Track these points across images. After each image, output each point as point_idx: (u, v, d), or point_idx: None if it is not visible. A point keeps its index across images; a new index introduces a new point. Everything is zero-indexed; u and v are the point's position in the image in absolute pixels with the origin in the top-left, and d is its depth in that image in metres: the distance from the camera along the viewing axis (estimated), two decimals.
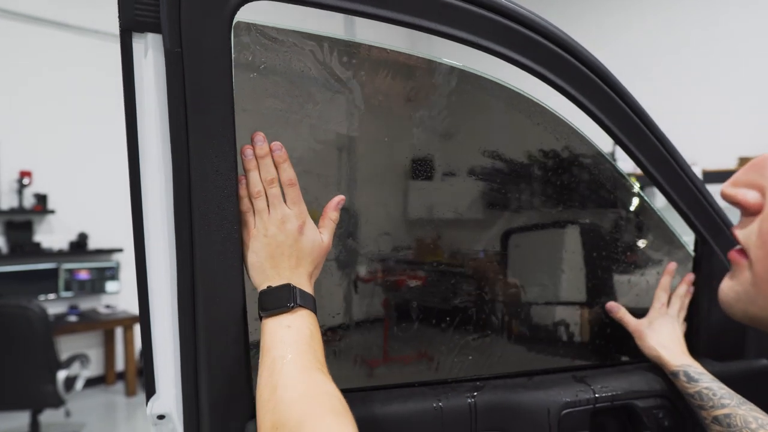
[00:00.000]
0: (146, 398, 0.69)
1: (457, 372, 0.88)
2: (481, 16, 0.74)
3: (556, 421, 0.80)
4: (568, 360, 0.96)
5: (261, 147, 0.67)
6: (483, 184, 0.92)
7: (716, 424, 0.78)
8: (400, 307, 0.89)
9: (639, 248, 1.03)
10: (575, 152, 0.95)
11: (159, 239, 0.65)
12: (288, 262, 0.66)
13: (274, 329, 0.62)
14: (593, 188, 0.99)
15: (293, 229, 0.67)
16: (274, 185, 0.67)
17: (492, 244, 0.95)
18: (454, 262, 0.92)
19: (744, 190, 0.43)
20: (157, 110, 0.63)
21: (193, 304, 0.65)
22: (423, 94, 0.87)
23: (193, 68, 0.60)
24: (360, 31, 5.13)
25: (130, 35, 0.61)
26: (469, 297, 0.91)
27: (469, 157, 0.91)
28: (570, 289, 1.00)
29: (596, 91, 0.84)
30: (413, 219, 0.91)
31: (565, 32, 0.81)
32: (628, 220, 1.02)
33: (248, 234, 0.67)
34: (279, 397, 0.55)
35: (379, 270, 0.88)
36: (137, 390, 4.61)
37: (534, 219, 0.97)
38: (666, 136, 0.93)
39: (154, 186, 0.65)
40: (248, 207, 0.67)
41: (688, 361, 0.87)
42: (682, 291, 0.97)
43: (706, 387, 0.82)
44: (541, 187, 0.95)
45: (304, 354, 0.60)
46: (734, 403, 0.78)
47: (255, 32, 0.68)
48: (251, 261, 0.67)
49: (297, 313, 0.63)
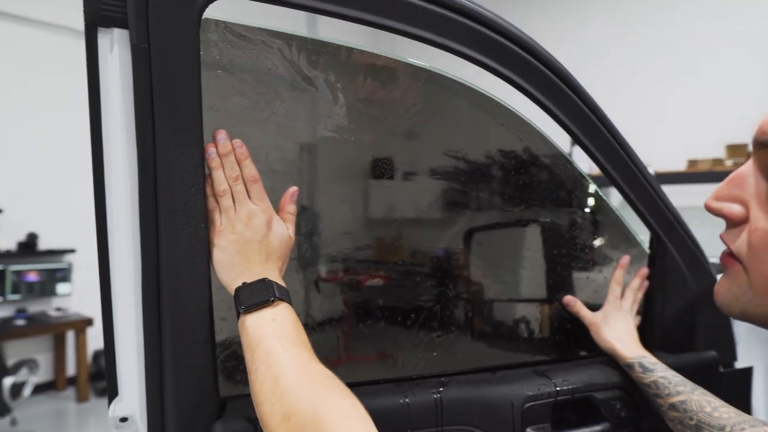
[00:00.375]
0: (108, 400, 0.67)
1: (421, 369, 0.89)
2: (443, 16, 0.75)
3: (519, 414, 0.82)
4: (529, 355, 0.99)
5: (223, 145, 0.66)
6: (446, 183, 0.94)
7: (673, 411, 0.82)
8: (363, 306, 0.90)
9: (597, 246, 1.07)
10: (536, 152, 0.98)
11: (123, 237, 0.64)
12: (258, 258, 0.66)
13: (260, 324, 0.62)
14: (553, 188, 1.02)
15: (261, 225, 0.67)
16: (239, 182, 0.67)
17: (455, 242, 0.96)
18: (418, 261, 0.93)
19: (728, 203, 0.47)
20: (122, 107, 0.61)
21: (158, 303, 0.64)
22: (388, 94, 0.88)
23: (160, 64, 0.59)
24: (322, 30, 5.11)
25: (95, 30, 0.59)
26: (432, 295, 0.93)
27: (432, 156, 0.92)
28: (530, 286, 1.03)
29: (557, 92, 0.86)
30: (378, 218, 0.92)
31: (526, 34, 0.83)
32: (586, 219, 1.06)
33: (215, 232, 0.66)
34: (284, 388, 0.55)
35: (343, 269, 0.89)
36: (89, 396, 4.46)
37: (496, 218, 1.00)
38: (623, 137, 0.97)
39: (119, 184, 0.63)
40: (214, 206, 0.67)
41: (642, 353, 0.91)
42: (636, 284, 1.02)
43: (661, 376, 0.86)
44: (502, 186, 0.97)
45: (296, 344, 0.60)
46: (688, 390, 0.82)
47: (223, 29, 0.68)
48: (219, 259, 0.66)
49: (278, 306, 0.63)
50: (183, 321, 0.64)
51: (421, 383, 0.82)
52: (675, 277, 1.07)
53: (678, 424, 0.81)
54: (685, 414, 0.80)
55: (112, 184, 0.63)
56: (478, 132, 0.98)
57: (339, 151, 0.88)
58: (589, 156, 0.94)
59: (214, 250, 0.66)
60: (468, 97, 0.92)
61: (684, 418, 0.80)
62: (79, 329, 4.48)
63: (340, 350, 0.89)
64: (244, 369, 0.76)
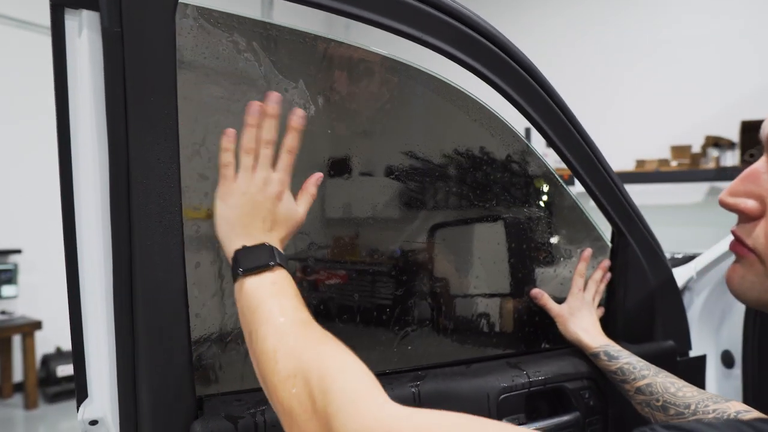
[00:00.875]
0: (77, 403, 0.64)
1: (397, 364, 0.89)
2: (420, 10, 0.75)
3: (495, 405, 0.83)
4: (502, 347, 1.01)
5: (273, 107, 0.66)
6: (420, 180, 0.94)
7: (639, 394, 0.86)
8: (339, 303, 0.89)
9: (563, 240, 1.10)
10: (507, 148, 1.00)
11: (92, 232, 0.61)
12: (262, 225, 0.65)
13: (259, 286, 0.61)
14: (523, 184, 1.04)
15: (273, 193, 0.66)
16: (270, 147, 0.67)
17: (427, 239, 0.97)
18: (391, 259, 0.93)
19: (743, 199, 0.49)
20: (92, 95, 0.58)
21: (131, 300, 0.61)
22: (357, 84, 0.87)
23: (133, 50, 0.57)
24: (276, 13, 5.06)
25: (62, 11, 0.56)
26: (406, 292, 0.93)
27: (403, 150, 0.92)
28: (501, 280, 1.05)
29: (530, 91, 0.88)
30: (352, 215, 0.91)
31: (503, 34, 0.84)
32: (553, 214, 1.08)
33: (226, 188, 0.65)
34: (288, 346, 0.54)
35: (319, 268, 0.88)
36: (38, 402, 4.26)
37: (468, 214, 1.01)
38: (590, 136, 1.00)
39: (87, 176, 0.60)
40: (230, 162, 0.65)
41: (606, 342, 0.95)
42: (597, 276, 1.05)
43: (626, 362, 0.90)
44: (474, 182, 0.98)
45: (297, 308, 0.59)
46: (652, 373, 0.87)
47: (199, 15, 0.65)
48: (225, 215, 0.64)
49: (278, 271, 0.62)
50: (158, 318, 0.62)
51: (398, 377, 0.82)
52: (635, 270, 1.11)
53: (645, 406, 0.85)
54: (651, 396, 0.84)
55: (81, 177, 0.60)
56: (450, 126, 0.98)
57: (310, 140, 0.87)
58: (557, 153, 0.97)
59: (220, 206, 0.65)
60: (442, 92, 0.92)
61: (650, 401, 0.84)
62: (26, 333, 4.27)
63: None
64: (220, 367, 0.74)
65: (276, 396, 0.52)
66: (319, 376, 0.49)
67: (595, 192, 1.01)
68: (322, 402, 0.47)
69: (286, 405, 0.51)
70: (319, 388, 0.48)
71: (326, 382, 0.48)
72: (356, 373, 0.50)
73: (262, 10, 5.05)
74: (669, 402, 0.81)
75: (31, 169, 4.23)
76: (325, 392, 0.48)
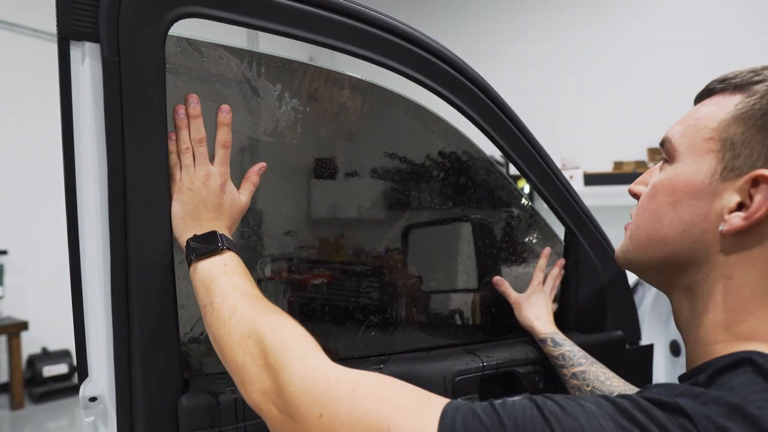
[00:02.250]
0: (78, 382, 0.73)
1: (363, 350, 0.99)
2: (384, 39, 0.86)
3: (450, 386, 0.93)
4: (460, 337, 1.11)
5: (194, 108, 0.74)
6: (383, 185, 1.04)
7: (574, 379, 0.97)
8: (309, 298, 0.99)
9: (521, 240, 1.20)
10: (468, 159, 1.10)
11: (93, 231, 0.70)
12: (210, 215, 0.74)
13: (211, 267, 0.69)
14: (483, 188, 1.14)
15: (216, 186, 0.74)
16: (203, 144, 0.74)
17: (393, 238, 1.07)
18: (359, 258, 1.03)
19: (638, 185, 0.66)
20: (93, 115, 0.68)
21: (126, 292, 0.71)
22: (335, 107, 0.97)
23: (129, 76, 0.66)
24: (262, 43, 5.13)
25: (68, 43, 0.66)
26: (376, 289, 1.02)
27: (370, 161, 1.02)
28: (462, 276, 1.15)
29: (482, 106, 0.98)
30: (320, 218, 1.00)
31: (456, 55, 0.94)
32: (511, 216, 1.19)
33: (175, 186, 0.73)
34: (242, 314, 0.62)
35: (286, 266, 0.97)
36: (24, 403, 4.29)
37: (431, 216, 1.11)
38: (540, 144, 1.11)
39: (89, 184, 0.70)
40: (176, 162, 0.73)
41: (554, 330, 1.06)
42: (555, 272, 1.16)
43: (568, 350, 1.01)
44: (436, 187, 1.08)
45: (248, 285, 0.68)
46: (588, 362, 0.98)
47: (187, 45, 0.75)
48: (176, 211, 0.73)
49: (227, 253, 0.71)
50: (150, 308, 0.72)
51: (364, 361, 0.92)
52: (587, 266, 1.21)
53: (576, 390, 0.96)
54: (583, 382, 0.95)
55: (83, 184, 0.70)
56: (413, 139, 1.08)
57: (285, 155, 0.96)
58: (510, 161, 1.07)
59: (173, 204, 0.73)
60: (402, 106, 1.02)
61: (582, 386, 0.95)
62: (12, 334, 4.30)
63: None
64: (205, 352, 0.84)
65: (230, 355, 0.61)
66: (273, 334, 0.59)
67: (547, 196, 1.12)
68: (274, 356, 0.56)
69: (239, 361, 0.59)
70: (271, 344, 0.57)
71: (279, 339, 0.58)
72: (302, 337, 0.59)
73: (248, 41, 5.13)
74: (596, 388, 0.93)
75: (17, 171, 4.27)
76: (276, 347, 0.57)
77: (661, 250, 0.60)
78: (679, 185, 0.58)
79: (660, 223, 0.59)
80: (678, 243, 0.58)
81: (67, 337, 4.53)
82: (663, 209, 0.59)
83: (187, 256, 0.71)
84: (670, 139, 0.61)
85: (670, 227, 0.58)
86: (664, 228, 0.59)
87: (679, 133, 0.60)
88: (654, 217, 0.60)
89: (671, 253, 0.59)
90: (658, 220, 0.60)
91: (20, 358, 4.30)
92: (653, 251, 0.61)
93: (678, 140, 0.60)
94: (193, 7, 0.69)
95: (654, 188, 0.61)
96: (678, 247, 0.58)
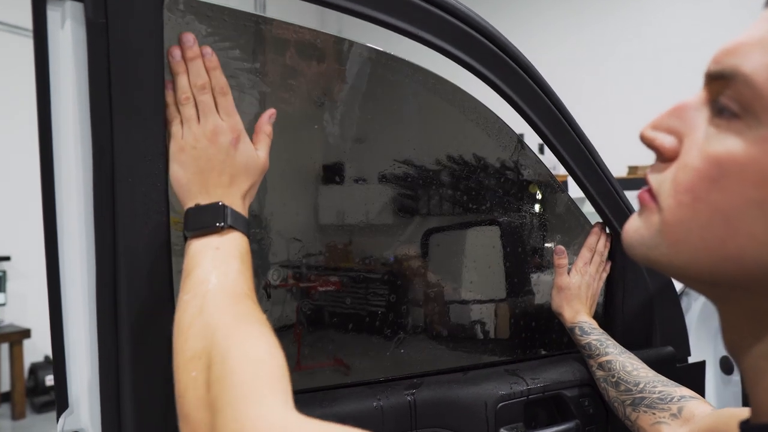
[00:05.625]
0: (57, 414, 0.61)
1: (392, 371, 0.86)
2: (418, 6, 0.74)
3: (493, 413, 0.81)
4: (498, 354, 0.98)
5: (191, 48, 0.59)
6: (411, 183, 0.92)
7: (600, 370, 0.89)
8: (333, 310, 0.86)
9: (562, 244, 1.08)
10: (504, 150, 0.98)
11: (74, 234, 0.58)
12: (219, 180, 0.59)
13: (201, 250, 0.55)
14: (520, 187, 1.02)
15: (226, 143, 0.59)
16: (206, 92, 0.59)
17: (422, 245, 0.95)
18: (385, 266, 0.91)
19: (663, 134, 0.40)
20: (75, 89, 0.56)
21: (114, 305, 0.59)
22: (355, 82, 0.85)
23: (119, 42, 0.55)
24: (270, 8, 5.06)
25: (44, 2, 0.54)
26: (401, 299, 0.90)
27: (399, 150, 0.90)
28: (498, 286, 1.03)
29: (530, 93, 0.87)
30: (344, 222, 0.88)
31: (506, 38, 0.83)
32: (551, 219, 1.06)
33: (175, 145, 0.59)
34: (204, 323, 0.49)
35: (313, 275, 0.85)
36: (26, 412, 4.18)
37: (464, 219, 0.99)
38: (588, 138, 0.98)
39: (70, 176, 0.58)
40: (175, 115, 0.60)
41: (584, 318, 0.95)
42: (601, 247, 1.04)
43: (595, 339, 0.91)
44: (468, 185, 0.96)
45: (234, 279, 0.54)
46: (616, 352, 0.89)
47: (188, 7, 0.63)
48: (177, 176, 0.58)
49: (227, 234, 0.57)
50: (143, 324, 0.59)
51: (394, 385, 0.79)
52: (634, 274, 1.09)
53: (603, 381, 0.88)
54: (609, 372, 0.87)
55: (63, 175, 0.58)
56: (447, 126, 0.96)
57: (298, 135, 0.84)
58: (556, 156, 0.95)
59: (172, 166, 0.59)
60: (438, 90, 0.90)
61: (607, 376, 0.87)
62: (14, 342, 4.20)
63: (308, 355, 0.85)
64: None
65: (177, 376, 0.48)
66: (221, 361, 0.44)
67: (593, 195, 1.00)
68: (215, 391, 0.43)
69: (181, 387, 0.46)
70: (216, 374, 0.44)
71: (226, 370, 0.44)
72: (262, 366, 0.45)
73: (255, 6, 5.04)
74: (622, 379, 0.85)
75: (19, 176, 4.18)
76: (220, 380, 0.43)
77: (728, 268, 0.36)
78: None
79: (732, 230, 0.35)
80: (761, 264, 0.34)
81: None
82: (741, 210, 0.34)
83: (184, 229, 0.58)
84: (752, 78, 0.33)
85: (750, 240, 0.34)
86: (740, 239, 0.35)
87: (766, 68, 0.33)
88: (719, 217, 0.35)
89: (745, 273, 0.35)
90: (729, 225, 0.35)
91: (22, 366, 4.22)
92: (709, 264, 0.37)
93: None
94: None
95: (717, 166, 0.35)
96: (759, 269, 0.35)
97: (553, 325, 0.99)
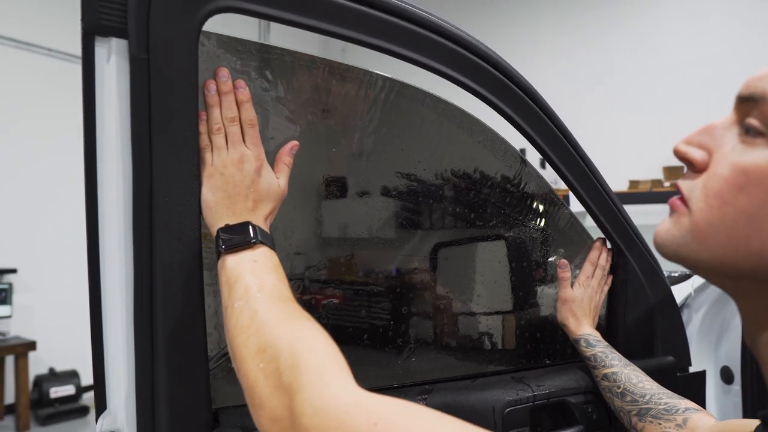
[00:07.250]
0: (96, 415, 0.66)
1: (404, 378, 0.90)
2: (431, 39, 0.79)
3: (500, 418, 0.85)
4: (505, 363, 1.02)
5: (225, 83, 0.66)
6: (418, 199, 0.96)
7: (605, 380, 0.92)
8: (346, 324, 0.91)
9: (570, 257, 1.12)
10: (506, 166, 1.03)
11: (115, 247, 0.63)
12: (245, 204, 0.66)
13: (239, 264, 0.61)
14: (526, 202, 1.07)
15: (251, 170, 0.67)
16: (235, 123, 0.67)
17: (431, 258, 0.99)
18: (396, 278, 0.95)
19: (694, 148, 0.48)
20: (118, 117, 0.61)
21: (150, 315, 0.63)
22: (374, 110, 0.90)
23: (159, 75, 0.60)
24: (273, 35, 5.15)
25: (92, 39, 0.59)
26: (412, 310, 0.95)
27: (404, 169, 0.95)
28: (504, 298, 1.07)
29: (530, 113, 0.92)
30: (352, 236, 0.93)
31: (504, 59, 0.88)
32: (556, 232, 1.11)
33: (205, 171, 0.66)
34: (262, 321, 0.54)
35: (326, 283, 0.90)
36: (30, 424, 4.19)
37: (470, 233, 1.03)
38: (588, 156, 1.03)
39: (112, 195, 0.63)
40: (207, 144, 0.66)
41: (589, 331, 0.99)
42: (603, 262, 1.08)
43: (600, 351, 0.95)
44: (473, 200, 1.01)
45: (275, 286, 0.59)
46: (621, 364, 0.93)
47: (221, 43, 0.69)
48: (207, 199, 0.65)
49: (259, 249, 0.63)
50: (176, 333, 0.64)
51: (407, 391, 0.84)
52: (635, 287, 1.13)
53: (608, 392, 0.91)
54: (614, 383, 0.90)
55: (105, 193, 0.63)
56: (450, 145, 1.01)
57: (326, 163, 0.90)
58: (556, 171, 1.00)
59: (203, 190, 0.65)
60: (448, 114, 0.96)
61: (613, 387, 0.90)
62: (19, 354, 4.22)
63: None
64: (236, 380, 0.76)
65: (244, 370, 0.52)
66: (289, 351, 0.49)
67: (594, 210, 1.04)
68: (289, 377, 0.47)
69: (252, 379, 0.51)
70: (287, 362, 0.48)
71: (296, 357, 0.48)
72: (327, 353, 0.49)
73: (259, 34, 5.14)
74: (628, 390, 0.88)
75: (26, 188, 4.24)
76: (292, 367, 0.48)
77: (751, 263, 0.43)
78: None
79: (756, 229, 0.42)
80: None
81: (75, 358, 4.45)
82: (764, 211, 0.41)
83: (216, 247, 0.63)
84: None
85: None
86: (763, 236, 0.42)
87: None
88: (744, 218, 0.42)
89: (765, 268, 0.43)
90: (753, 225, 0.42)
91: (27, 378, 4.23)
92: (734, 259, 0.44)
93: None
94: (230, 0, 0.62)
95: (744, 174, 0.42)
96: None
97: (557, 335, 1.03)
